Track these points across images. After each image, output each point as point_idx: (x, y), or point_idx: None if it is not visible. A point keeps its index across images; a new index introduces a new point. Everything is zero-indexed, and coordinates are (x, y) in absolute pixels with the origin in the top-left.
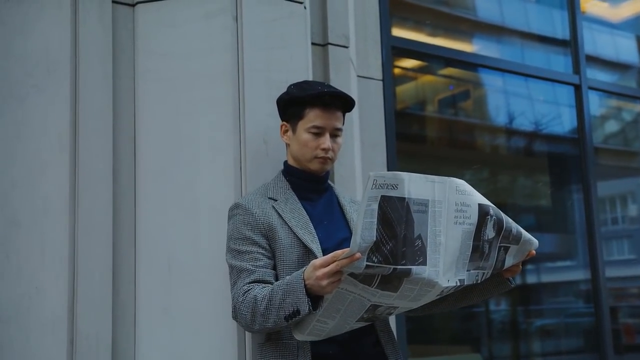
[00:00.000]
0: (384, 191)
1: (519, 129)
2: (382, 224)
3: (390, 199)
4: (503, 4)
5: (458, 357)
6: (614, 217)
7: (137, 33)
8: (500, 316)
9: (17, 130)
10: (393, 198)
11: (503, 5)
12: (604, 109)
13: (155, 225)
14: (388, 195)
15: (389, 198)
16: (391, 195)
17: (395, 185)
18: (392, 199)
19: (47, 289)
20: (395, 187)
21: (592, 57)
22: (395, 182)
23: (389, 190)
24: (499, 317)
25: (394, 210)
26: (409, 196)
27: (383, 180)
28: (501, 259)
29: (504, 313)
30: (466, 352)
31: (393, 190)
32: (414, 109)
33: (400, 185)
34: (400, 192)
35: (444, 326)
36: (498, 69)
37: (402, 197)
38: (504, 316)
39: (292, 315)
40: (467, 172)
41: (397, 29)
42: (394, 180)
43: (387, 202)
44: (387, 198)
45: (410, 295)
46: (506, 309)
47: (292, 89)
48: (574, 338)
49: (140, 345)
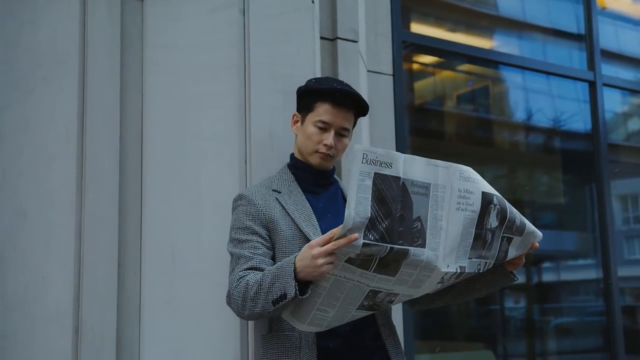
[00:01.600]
0: (377, 168)
1: (536, 126)
2: (377, 201)
3: (385, 177)
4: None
5: (469, 353)
6: (636, 215)
7: (145, 26)
8: (515, 314)
9: (25, 122)
10: (388, 177)
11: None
12: (627, 106)
13: (161, 217)
14: (383, 174)
15: (384, 176)
16: (386, 174)
17: (389, 163)
18: (387, 178)
19: (52, 279)
20: (389, 166)
21: (614, 54)
22: (389, 161)
23: (382, 167)
24: (515, 314)
25: (389, 189)
26: (405, 176)
27: (375, 156)
28: (504, 250)
29: (520, 310)
30: (478, 349)
31: (387, 169)
32: (431, 104)
33: (394, 164)
34: (394, 171)
35: (459, 323)
36: (511, 64)
37: (397, 177)
38: (520, 314)
39: (279, 299)
40: (485, 169)
41: (413, 24)
42: (387, 158)
43: (382, 180)
44: (382, 176)
45: (409, 280)
46: (522, 306)
47: (311, 81)
48: (588, 337)
49: (144, 336)
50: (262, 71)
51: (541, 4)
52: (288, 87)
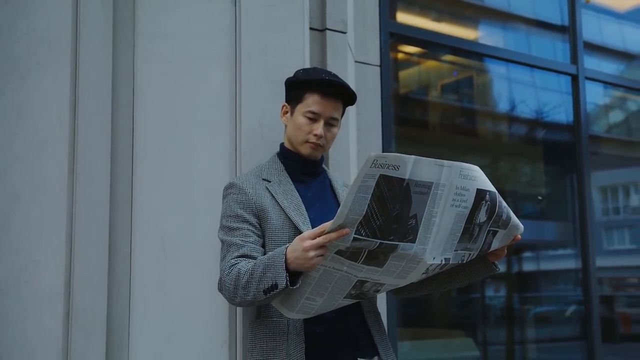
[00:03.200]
0: (384, 171)
1: (520, 117)
2: (376, 200)
3: (390, 179)
4: None
5: (450, 340)
6: (615, 206)
7: (137, 14)
8: (496, 302)
9: (18, 107)
10: (392, 178)
11: None
12: (608, 99)
13: (151, 203)
14: (388, 175)
15: (389, 178)
16: (391, 176)
17: (397, 166)
18: (391, 179)
19: (44, 262)
20: (397, 168)
21: (598, 46)
22: (397, 164)
23: (389, 170)
24: (495, 303)
25: (390, 189)
26: (410, 177)
27: (384, 161)
28: (488, 242)
29: (500, 299)
30: (459, 337)
31: (394, 171)
32: (415, 93)
33: (402, 167)
34: (401, 173)
35: (440, 311)
36: (495, 57)
37: (402, 178)
38: (500, 302)
39: (270, 288)
40: (468, 159)
41: (398, 14)
42: (396, 162)
43: (386, 182)
44: (386, 178)
45: (395, 272)
46: (503, 295)
47: (299, 72)
48: (567, 326)
49: (134, 320)
50: (253, 61)
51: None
52: (278, 77)
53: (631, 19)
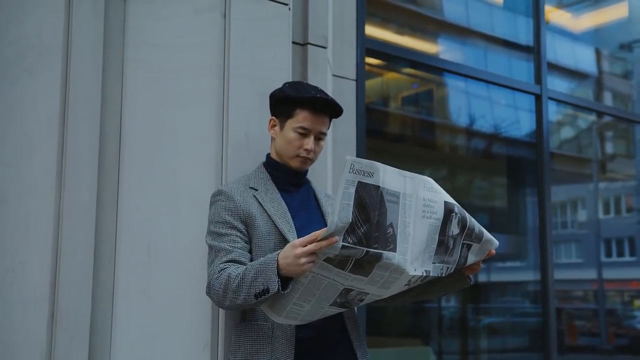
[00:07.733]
0: (361, 177)
1: (479, 131)
2: (358, 207)
3: (367, 185)
4: (470, 8)
5: (409, 349)
6: (564, 221)
7: (127, 24)
8: (450, 312)
9: (8, 111)
10: (369, 185)
11: (470, 9)
12: (561, 116)
13: (137, 210)
14: (365, 182)
15: (366, 185)
16: (367, 183)
17: (370, 173)
18: (368, 186)
19: (30, 265)
20: (371, 175)
21: (553, 65)
22: (371, 170)
23: (365, 177)
24: (450, 313)
25: (369, 196)
26: (383, 185)
27: (360, 167)
28: (464, 256)
29: (454, 309)
30: (417, 345)
31: (369, 178)
32: (378, 104)
33: (375, 174)
34: (375, 181)
35: (397, 320)
36: (462, 74)
37: (377, 186)
38: (455, 312)
39: (262, 293)
40: (427, 171)
41: (372, 28)
42: (369, 168)
43: (364, 188)
44: (364, 185)
45: (379, 281)
46: (457, 305)
47: (287, 88)
48: (521, 337)
49: (116, 323)
50: (240, 73)
51: (491, 14)
52: (264, 90)
53: (585, 40)
